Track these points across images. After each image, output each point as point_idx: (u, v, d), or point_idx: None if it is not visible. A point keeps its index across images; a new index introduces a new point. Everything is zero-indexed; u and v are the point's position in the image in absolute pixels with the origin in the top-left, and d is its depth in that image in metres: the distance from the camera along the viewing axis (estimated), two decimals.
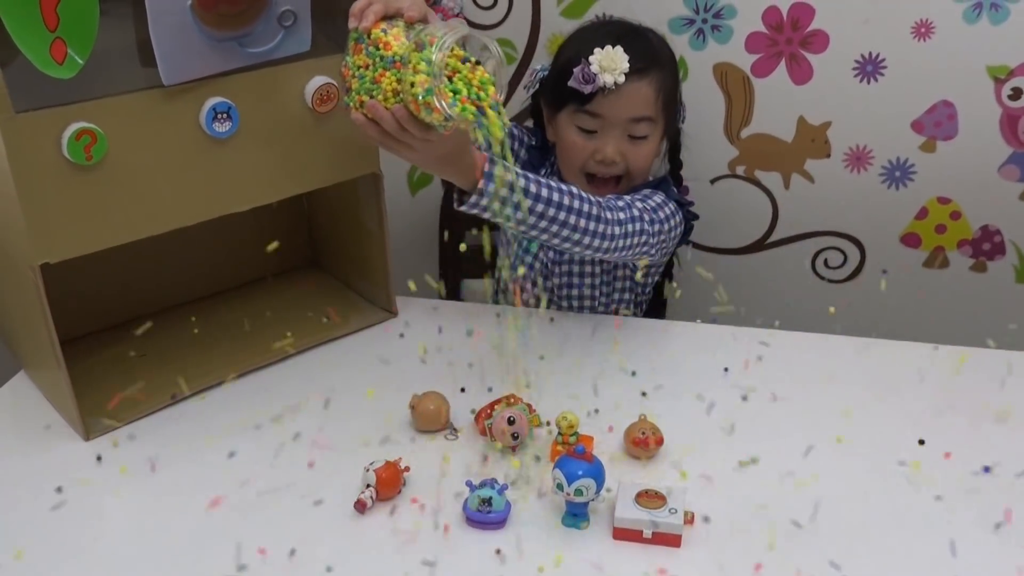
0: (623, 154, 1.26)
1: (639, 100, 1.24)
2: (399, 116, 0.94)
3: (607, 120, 1.25)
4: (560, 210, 1.08)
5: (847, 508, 0.94)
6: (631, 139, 1.26)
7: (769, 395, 1.11)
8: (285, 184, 1.13)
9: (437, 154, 1.00)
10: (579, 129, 1.27)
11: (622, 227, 1.15)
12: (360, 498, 0.95)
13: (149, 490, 0.98)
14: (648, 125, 1.26)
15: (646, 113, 1.25)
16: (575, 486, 0.89)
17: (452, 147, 1.00)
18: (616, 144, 1.26)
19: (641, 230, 1.18)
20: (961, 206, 1.55)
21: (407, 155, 1.00)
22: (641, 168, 1.29)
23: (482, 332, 1.23)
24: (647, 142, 1.27)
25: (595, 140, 1.26)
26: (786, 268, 1.66)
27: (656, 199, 1.24)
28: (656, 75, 1.25)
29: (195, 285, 1.34)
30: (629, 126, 1.25)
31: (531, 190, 1.06)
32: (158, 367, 1.18)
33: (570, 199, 1.09)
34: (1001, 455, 1.01)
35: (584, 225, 1.11)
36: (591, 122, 1.26)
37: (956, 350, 1.18)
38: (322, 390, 1.14)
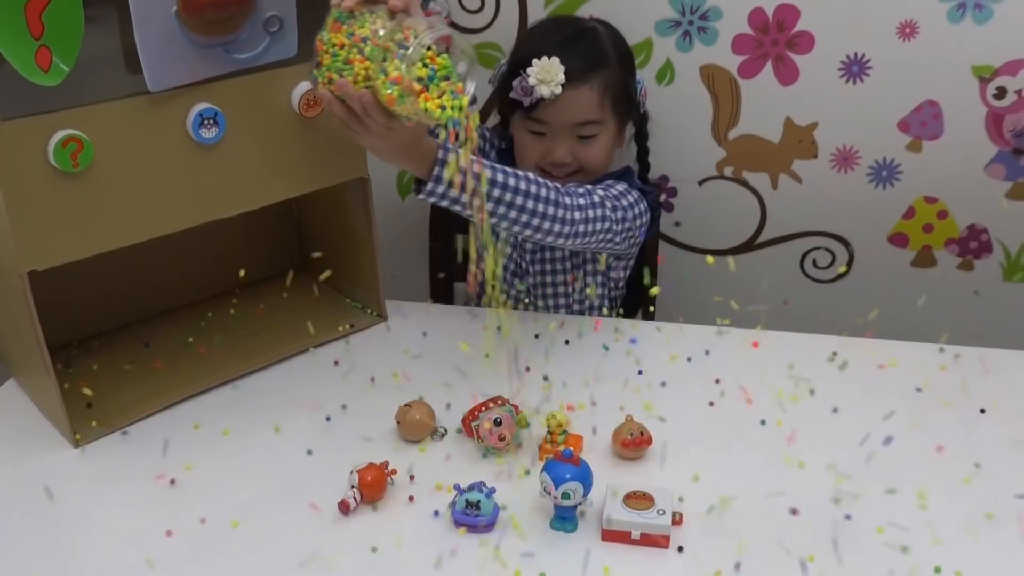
0: (574, 154, 1.29)
1: (581, 106, 1.26)
2: (366, 101, 0.96)
3: (553, 125, 1.28)
4: (517, 195, 1.09)
5: (836, 506, 0.95)
6: (580, 139, 1.28)
7: (757, 394, 1.11)
8: (272, 189, 1.13)
9: (395, 143, 1.02)
10: (529, 132, 1.29)
11: (582, 212, 1.16)
12: (344, 499, 0.95)
13: (138, 496, 0.98)
14: (595, 126, 1.28)
15: (590, 117, 1.27)
16: (562, 489, 0.90)
17: (409, 137, 1.02)
18: (566, 145, 1.29)
19: (603, 216, 1.18)
20: (948, 205, 1.56)
21: (365, 140, 1.02)
22: (595, 165, 1.31)
23: (470, 335, 1.24)
24: (597, 140, 1.30)
25: (545, 142, 1.29)
26: (775, 268, 1.66)
27: (618, 188, 1.26)
28: (598, 78, 1.27)
29: (184, 291, 1.34)
30: (576, 128, 1.28)
31: (486, 175, 1.07)
32: (148, 373, 1.19)
33: (527, 184, 1.10)
34: (989, 451, 1.02)
35: (543, 210, 1.11)
36: (539, 127, 1.29)
37: (944, 348, 1.19)
38: (311, 394, 1.14)
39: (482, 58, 1.57)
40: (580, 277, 1.38)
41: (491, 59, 1.56)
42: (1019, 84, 1.44)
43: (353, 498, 0.95)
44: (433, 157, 1.05)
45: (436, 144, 1.06)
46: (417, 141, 1.04)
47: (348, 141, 1.04)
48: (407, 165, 1.06)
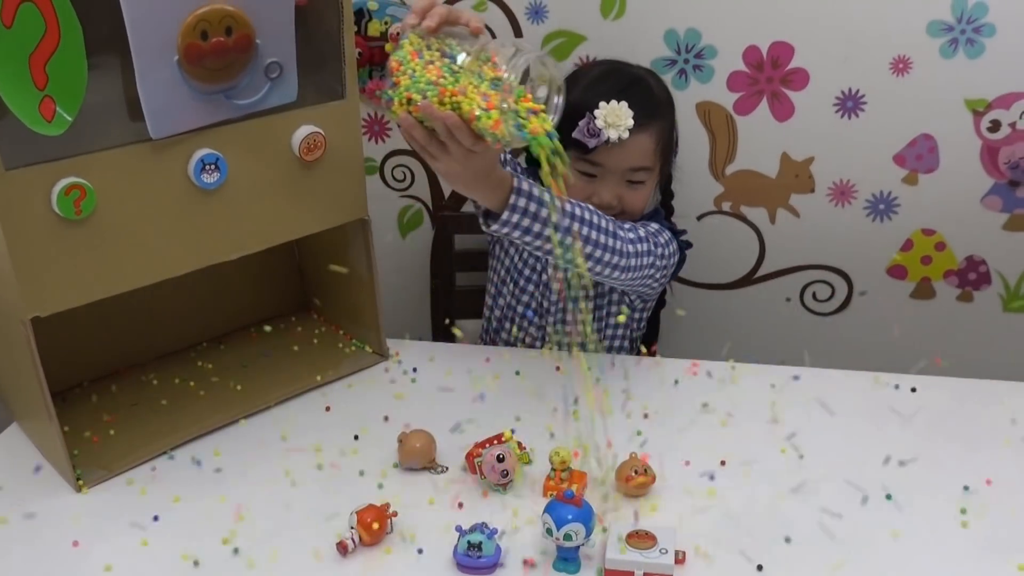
0: (620, 198, 1.28)
1: (639, 152, 1.26)
2: (451, 123, 0.95)
3: (607, 169, 1.27)
4: (583, 224, 1.09)
5: (843, 542, 0.95)
6: (628, 184, 1.28)
7: (763, 429, 1.12)
8: (274, 232, 1.14)
9: (473, 168, 1.00)
10: (578, 172, 1.28)
11: (634, 246, 1.17)
12: (342, 540, 0.95)
13: (140, 540, 0.98)
14: (645, 173, 1.29)
15: (644, 163, 1.28)
16: (564, 531, 0.89)
17: (487, 163, 1.01)
18: (613, 190, 1.28)
19: (649, 251, 1.19)
20: (945, 237, 1.56)
21: (444, 164, 1.00)
22: (637, 209, 1.31)
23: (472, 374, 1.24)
24: (644, 187, 1.30)
25: (593, 184, 1.28)
26: (774, 302, 1.67)
27: (652, 227, 1.26)
28: (655, 126, 1.27)
29: (187, 333, 1.35)
30: (627, 174, 1.28)
31: (557, 204, 1.06)
32: (151, 416, 1.19)
33: (590, 213, 1.11)
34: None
35: (605, 241, 1.12)
36: (591, 168, 1.27)
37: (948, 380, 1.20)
38: (312, 434, 1.14)
39: None
40: (603, 316, 1.38)
41: None
42: (1013, 117, 1.45)
43: (351, 539, 0.95)
44: (508, 186, 1.04)
45: (510, 174, 1.05)
46: (492, 168, 1.03)
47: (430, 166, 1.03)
48: (480, 193, 1.04)
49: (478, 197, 1.06)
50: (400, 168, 1.66)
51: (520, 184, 1.05)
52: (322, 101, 1.12)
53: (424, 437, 1.08)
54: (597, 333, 1.39)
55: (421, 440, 1.07)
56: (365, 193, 1.21)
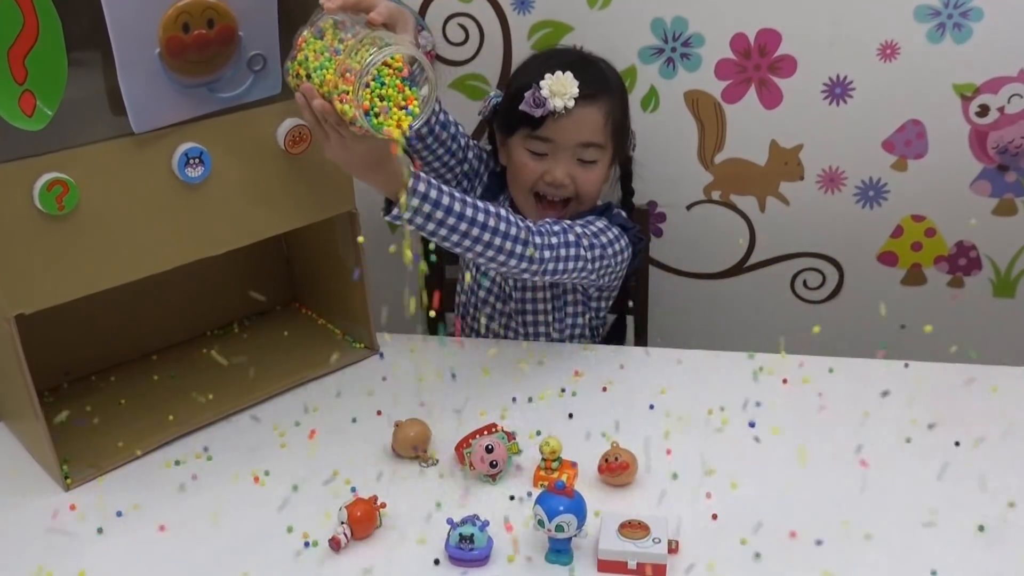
0: (572, 177, 1.29)
1: (588, 125, 1.27)
2: (321, 109, 0.97)
3: (557, 144, 1.27)
4: (484, 231, 1.10)
5: (833, 530, 0.94)
6: (580, 163, 1.29)
7: (751, 418, 1.11)
8: (260, 226, 1.13)
9: (356, 157, 1.02)
10: (530, 152, 1.29)
11: (552, 251, 1.17)
12: (335, 535, 0.94)
13: (130, 538, 0.97)
14: (597, 151, 1.29)
15: (595, 139, 1.28)
16: (556, 522, 0.89)
17: (373, 154, 1.02)
18: (565, 167, 1.28)
19: (576, 255, 1.19)
20: (935, 223, 1.56)
21: (327, 149, 1.02)
22: (589, 192, 1.31)
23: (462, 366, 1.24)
24: (596, 167, 1.30)
25: (545, 163, 1.29)
26: (766, 291, 1.66)
27: (598, 224, 1.26)
28: (605, 102, 1.28)
29: (176, 328, 1.34)
30: (578, 151, 1.28)
31: (455, 208, 1.07)
32: (140, 412, 1.18)
33: (496, 220, 1.11)
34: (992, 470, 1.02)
35: (510, 248, 1.12)
36: (541, 146, 1.28)
37: (935, 367, 1.20)
38: (302, 429, 1.14)
39: (467, 89, 1.58)
40: (561, 307, 1.38)
41: (476, 90, 1.57)
42: (1001, 101, 1.45)
43: (344, 534, 0.95)
44: (400, 183, 1.05)
45: (408, 171, 1.05)
46: (382, 160, 1.03)
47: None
48: (373, 183, 1.06)
49: (371, 185, 1.07)
50: None
51: (416, 184, 1.04)
52: None
53: (419, 425, 1.07)
54: (558, 323, 1.38)
55: (416, 428, 1.07)
56: (352, 185, 1.20)
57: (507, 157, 1.35)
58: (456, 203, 1.08)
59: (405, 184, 1.04)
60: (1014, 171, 1.50)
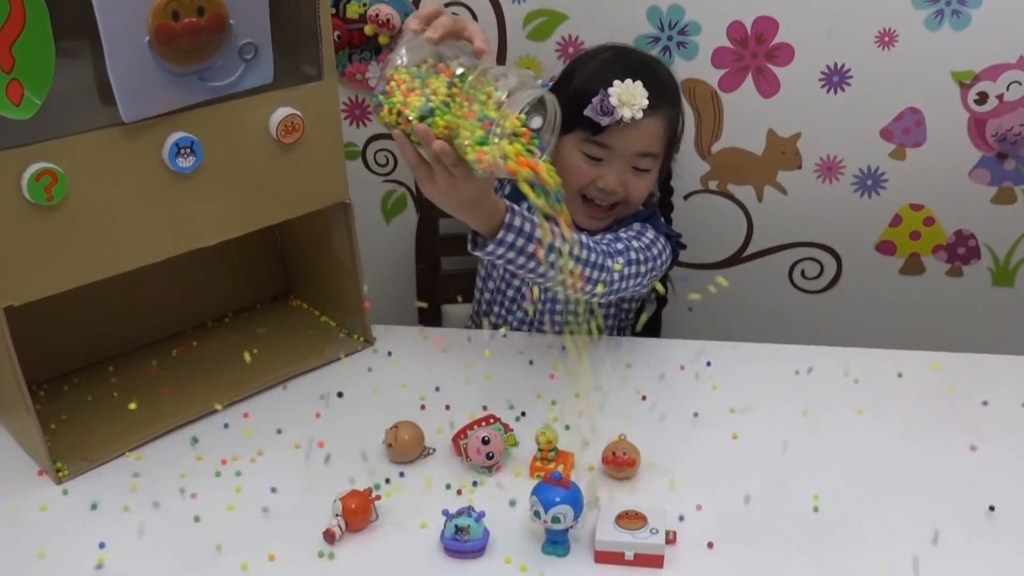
0: (624, 184, 1.25)
1: (649, 136, 1.24)
2: (440, 152, 0.93)
3: (615, 151, 1.24)
4: (578, 263, 1.08)
5: (835, 523, 0.94)
6: (634, 171, 1.26)
7: (754, 409, 1.11)
8: (252, 217, 1.12)
9: (461, 197, 0.99)
10: (585, 155, 1.25)
11: (622, 269, 1.16)
12: (329, 528, 0.93)
13: (121, 531, 0.96)
14: (652, 160, 1.26)
15: (652, 149, 1.25)
16: (552, 513, 0.88)
17: (477, 190, 0.99)
18: (619, 175, 1.25)
19: (636, 272, 1.19)
20: (934, 212, 1.55)
21: (431, 188, 0.99)
22: (639, 199, 1.28)
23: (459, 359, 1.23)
24: (648, 175, 1.27)
25: (599, 168, 1.25)
26: (764, 281, 1.66)
27: (648, 236, 1.25)
28: (667, 111, 1.25)
29: (168, 321, 1.33)
30: (635, 159, 1.25)
31: (547, 242, 1.05)
32: (130, 406, 1.16)
33: (579, 249, 1.09)
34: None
35: (589, 274, 1.11)
36: (599, 151, 1.24)
37: (935, 356, 1.19)
38: (297, 423, 1.13)
39: None
40: (594, 308, 1.36)
41: None
42: (1000, 89, 1.44)
43: (338, 527, 0.94)
44: (500, 217, 1.03)
45: (504, 204, 1.03)
46: (484, 197, 1.01)
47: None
48: (469, 219, 1.03)
49: (467, 221, 1.04)
50: (383, 152, 1.64)
51: (512, 220, 1.03)
52: (299, 83, 1.10)
53: (411, 430, 1.06)
54: (587, 324, 1.36)
55: (410, 433, 1.05)
56: (345, 176, 1.19)
57: (555, 155, 1.31)
58: (537, 231, 1.06)
59: (503, 221, 1.02)
60: (1013, 159, 1.49)
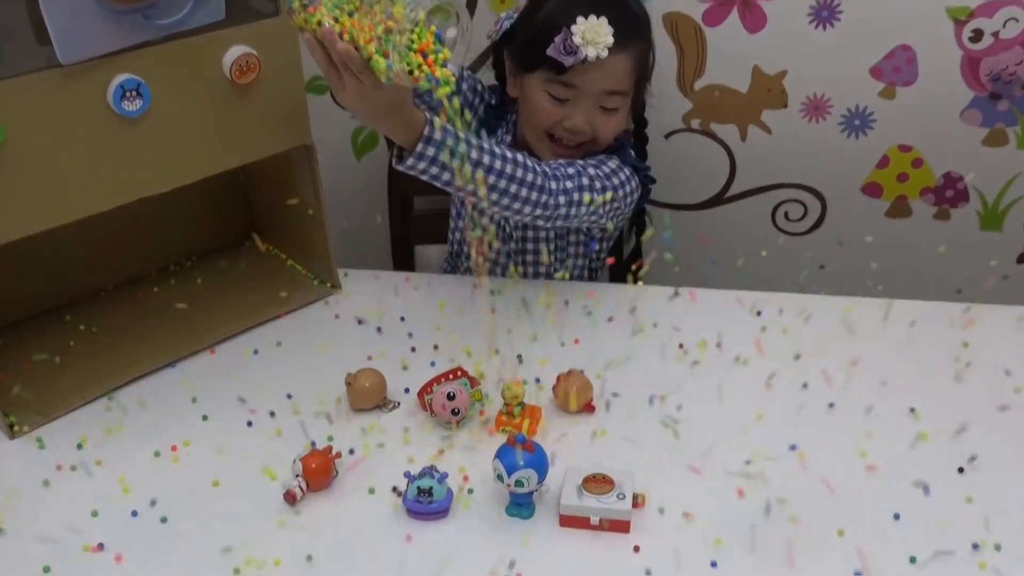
0: (592, 124, 1.20)
1: (616, 74, 1.18)
2: (344, 55, 0.90)
3: (581, 91, 1.18)
4: (501, 178, 1.05)
5: (806, 484, 0.92)
6: (602, 110, 1.20)
7: (729, 360, 1.07)
8: (207, 163, 1.07)
9: (373, 105, 0.96)
10: (550, 96, 1.20)
11: (567, 196, 1.11)
12: (290, 489, 0.91)
13: (74, 486, 0.94)
14: (620, 98, 1.20)
15: (621, 87, 1.19)
16: (515, 477, 0.86)
17: (389, 100, 0.96)
18: (586, 115, 1.20)
19: (590, 200, 1.14)
20: (923, 153, 1.51)
21: (343, 97, 0.96)
22: (608, 137, 1.23)
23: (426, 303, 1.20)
24: (617, 113, 1.22)
25: (565, 108, 1.20)
26: (746, 223, 1.62)
27: (610, 165, 1.20)
28: (635, 47, 1.19)
29: (127, 266, 1.28)
30: (602, 98, 1.19)
31: (472, 156, 1.02)
32: (89, 356, 1.13)
33: (513, 167, 1.05)
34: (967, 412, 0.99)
35: (525, 195, 1.07)
36: (563, 91, 1.19)
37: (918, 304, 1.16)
38: (260, 373, 1.10)
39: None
40: (564, 247, 1.32)
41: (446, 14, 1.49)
42: (996, 26, 1.38)
43: (299, 487, 0.92)
44: (419, 130, 0.99)
45: (423, 116, 0.99)
46: (399, 108, 0.97)
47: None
48: (388, 131, 1.00)
49: (385, 132, 1.01)
50: None
51: (432, 133, 0.99)
52: (253, 19, 1.03)
53: (373, 376, 1.03)
54: (558, 263, 1.33)
55: (371, 379, 1.03)
56: (307, 117, 1.13)
57: (520, 93, 1.25)
58: (473, 151, 1.02)
59: (422, 133, 0.98)
60: (1007, 99, 1.44)
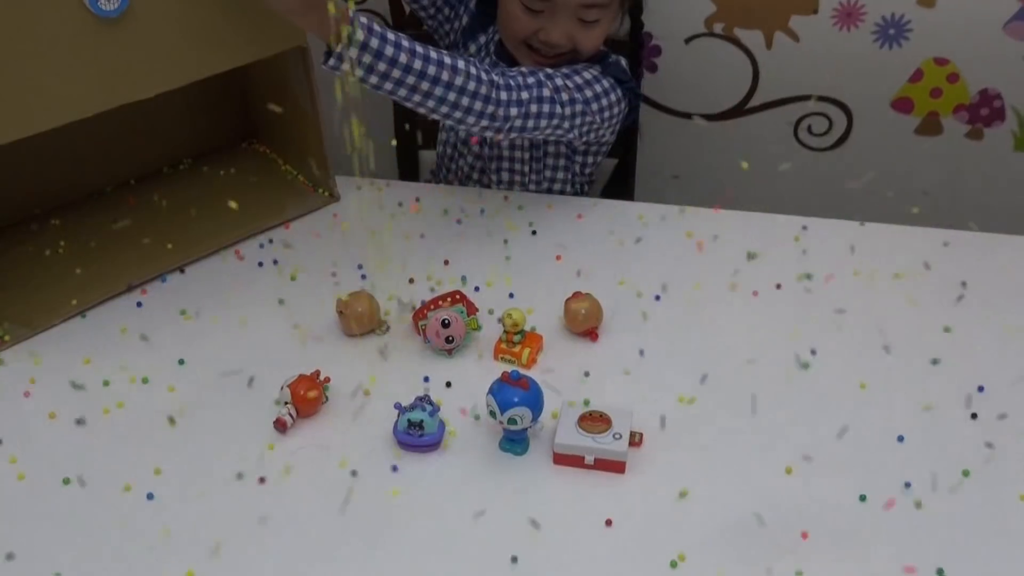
0: (570, 37, 1.13)
1: None
2: None
3: (556, 4, 1.11)
4: (436, 85, 0.98)
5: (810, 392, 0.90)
6: (581, 22, 1.12)
7: (728, 284, 1.03)
8: (194, 66, 1.00)
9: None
10: (523, 5, 1.12)
11: (521, 107, 1.04)
12: (279, 416, 0.89)
13: (59, 404, 0.92)
14: (600, 11, 1.12)
15: (600, 0, 1.11)
16: (508, 415, 0.83)
17: None
18: (563, 28, 1.12)
19: (551, 112, 1.07)
20: (959, 68, 1.43)
21: None
22: (589, 50, 1.16)
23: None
24: (599, 24, 1.14)
25: (540, 19, 1.12)
26: (766, 135, 1.55)
27: (586, 75, 1.12)
28: None
29: (113, 171, 1.23)
30: (580, 10, 1.11)
31: (400, 59, 0.95)
32: (72, 267, 1.09)
33: (451, 75, 0.98)
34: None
35: (467, 104, 1.01)
36: (538, 3, 1.11)
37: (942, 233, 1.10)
38: (252, 289, 1.07)
39: None
40: (540, 157, 1.26)
41: None
42: None
43: (289, 415, 0.89)
44: (335, 26, 0.92)
45: (344, 11, 0.93)
46: (311, 4, 0.91)
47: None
48: (306, 26, 0.95)
49: (307, 29, 0.96)
50: None
51: (351, 33, 0.92)
52: None
53: (364, 300, 0.99)
54: (535, 174, 1.27)
55: (363, 304, 0.99)
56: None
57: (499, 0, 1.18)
58: (403, 54, 0.95)
59: (337, 31, 0.91)
60: None
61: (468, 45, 1.25)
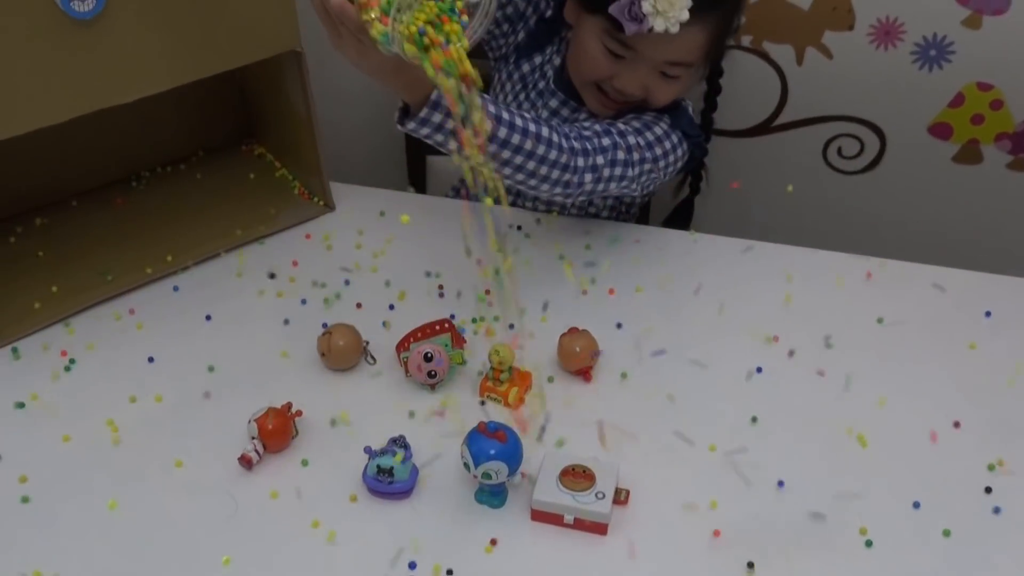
0: (646, 88, 1.05)
1: (686, 46, 1.01)
2: (340, 10, 0.78)
3: (640, 54, 1.03)
4: (518, 154, 0.93)
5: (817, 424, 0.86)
6: (661, 75, 1.05)
7: (740, 319, 0.99)
8: (178, 69, 0.95)
9: (373, 65, 0.84)
10: (605, 49, 1.04)
11: (595, 173, 0.99)
12: (245, 453, 0.84)
13: (25, 420, 0.89)
14: (684, 69, 1.05)
15: (687, 59, 1.03)
16: (483, 469, 0.77)
17: (393, 60, 0.82)
18: (641, 79, 1.04)
19: (621, 175, 1.02)
20: (1004, 94, 1.34)
21: (338, 48, 0.84)
22: (661, 103, 1.08)
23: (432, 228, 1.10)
24: (678, 81, 1.06)
25: (618, 65, 1.04)
26: (793, 156, 1.47)
27: (656, 130, 1.06)
28: (713, 20, 1.01)
29: (99, 172, 1.20)
30: (663, 65, 1.03)
31: (498, 135, 0.90)
32: (65, 265, 1.07)
33: (534, 144, 0.93)
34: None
35: (545, 173, 0.96)
36: (621, 49, 1.03)
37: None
38: (230, 304, 1.03)
39: None
40: None
41: None
42: None
43: (255, 451, 0.84)
44: (427, 90, 0.87)
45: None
46: (403, 65, 0.84)
47: None
48: (390, 88, 0.88)
49: (391, 89, 0.88)
50: None
51: (440, 97, 0.87)
52: None
53: (347, 334, 0.93)
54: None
55: (345, 338, 0.93)
56: (296, 19, 1.01)
57: (575, 28, 1.09)
58: (502, 128, 0.90)
59: (428, 96, 0.87)
60: None
61: (521, 64, 1.18)
